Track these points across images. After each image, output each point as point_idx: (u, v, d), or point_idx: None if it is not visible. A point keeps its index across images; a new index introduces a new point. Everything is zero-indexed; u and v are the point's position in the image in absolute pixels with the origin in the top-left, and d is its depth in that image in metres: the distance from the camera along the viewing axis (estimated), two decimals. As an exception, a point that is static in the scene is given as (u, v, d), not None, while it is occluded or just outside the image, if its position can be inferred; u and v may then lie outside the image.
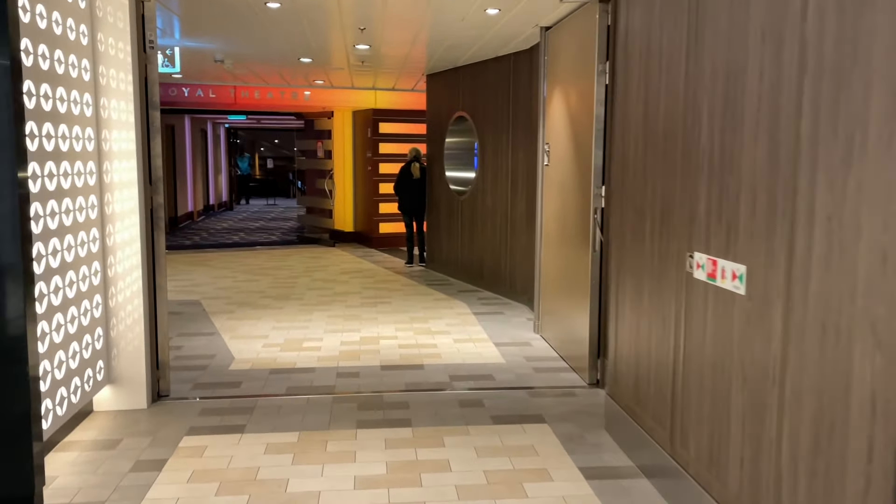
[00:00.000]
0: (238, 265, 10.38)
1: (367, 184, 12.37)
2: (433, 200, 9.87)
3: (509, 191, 7.93)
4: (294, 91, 11.55)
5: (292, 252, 11.85)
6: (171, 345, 5.94)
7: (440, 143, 9.54)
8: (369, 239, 12.41)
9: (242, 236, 14.15)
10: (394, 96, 11.97)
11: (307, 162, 13.66)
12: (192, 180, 17.34)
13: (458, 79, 9.02)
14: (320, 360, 5.57)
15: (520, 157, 7.70)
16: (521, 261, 7.71)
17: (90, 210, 4.12)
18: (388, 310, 7.40)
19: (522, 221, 7.65)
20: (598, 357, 4.98)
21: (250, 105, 11.58)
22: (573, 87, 5.40)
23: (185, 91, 11.04)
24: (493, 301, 7.89)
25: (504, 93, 7.94)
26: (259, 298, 7.94)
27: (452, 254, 9.34)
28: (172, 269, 9.98)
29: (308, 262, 10.68)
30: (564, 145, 5.56)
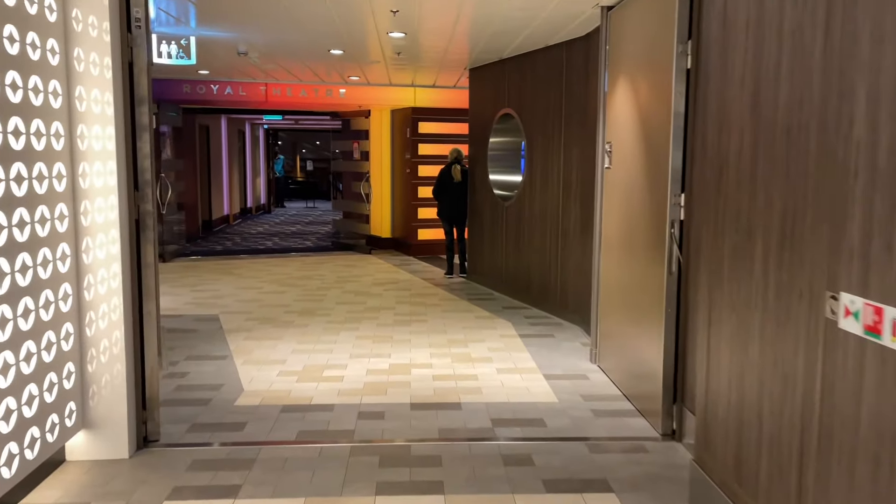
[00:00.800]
0: (266, 274, 9.71)
1: (406, 187, 11.61)
2: (475, 206, 9.04)
3: (560, 196, 7.05)
4: (329, 88, 10.86)
5: (325, 259, 11.15)
6: (176, 371, 5.25)
7: (483, 143, 8.71)
8: (407, 246, 11.65)
9: (276, 241, 13.54)
10: (434, 93, 11.19)
11: (343, 164, 12.97)
12: (227, 183, 16.85)
13: (503, 72, 8.18)
14: (341, 394, 4.78)
15: (573, 159, 6.82)
16: (573, 275, 6.82)
17: (58, 222, 3.40)
18: (424, 329, 6.59)
19: (576, 230, 6.77)
20: (674, 402, 4.08)
21: (283, 104, 10.93)
22: (643, 75, 4.51)
23: (214, 88, 10.44)
24: (541, 320, 7.01)
25: (556, 86, 7.07)
26: (282, 314, 7.22)
27: (496, 265, 8.49)
28: (197, 277, 9.36)
29: (340, 272, 9.95)
30: (631, 145, 4.67)
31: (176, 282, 9.02)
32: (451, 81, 10.66)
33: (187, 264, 10.54)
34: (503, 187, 8.52)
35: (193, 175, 14.01)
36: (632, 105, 4.68)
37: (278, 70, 9.59)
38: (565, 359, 5.66)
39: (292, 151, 32.43)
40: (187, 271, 9.86)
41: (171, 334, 6.39)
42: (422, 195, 11.36)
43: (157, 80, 10.24)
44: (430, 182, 11.02)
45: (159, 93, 10.29)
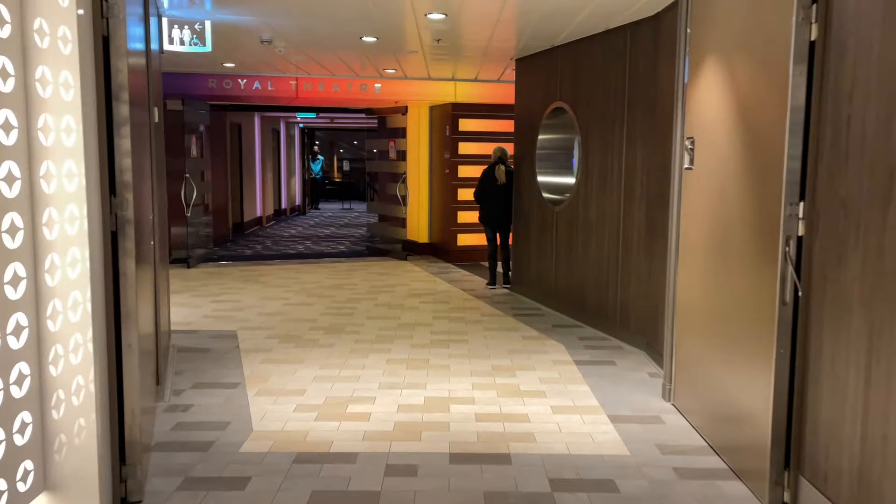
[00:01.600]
0: (294, 282, 9.02)
1: (445, 189, 10.82)
2: (521, 210, 8.20)
3: (622, 200, 6.18)
4: (363, 83, 10.13)
5: (358, 266, 10.43)
6: (179, 402, 4.54)
7: (531, 141, 7.87)
8: (446, 252, 10.85)
9: (308, 245, 12.89)
10: (476, 88, 10.38)
11: (379, 164, 12.24)
12: (260, 183, 16.29)
13: (555, 61, 7.33)
14: (367, 437, 4.01)
15: (637, 157, 5.94)
16: (637, 291, 5.95)
17: (6, 236, 2.69)
18: (464, 352, 5.79)
19: (640, 240, 5.89)
20: (786, 466, 3.20)
21: (314, 99, 10.24)
22: (742, 57, 3.64)
23: (242, 83, 9.80)
24: (598, 343, 6.15)
25: (617, 75, 6.20)
26: (307, 330, 6.49)
27: (544, 276, 7.64)
28: (220, 286, 8.71)
29: (374, 280, 9.21)
30: (724, 141, 3.80)
31: (197, 290, 8.38)
32: (495, 74, 9.84)
33: (212, 270, 9.92)
34: (553, 190, 7.67)
35: (224, 175, 13.45)
36: (724, 94, 3.81)
37: (308, 62, 8.89)
38: (632, 394, 4.80)
39: (329, 151, 31.95)
40: (211, 279, 9.23)
41: (182, 355, 5.70)
42: (462, 198, 10.56)
43: (181, 73, 9.64)
44: (471, 184, 10.21)
45: (184, 88, 9.69)
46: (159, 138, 5.14)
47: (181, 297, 8.00)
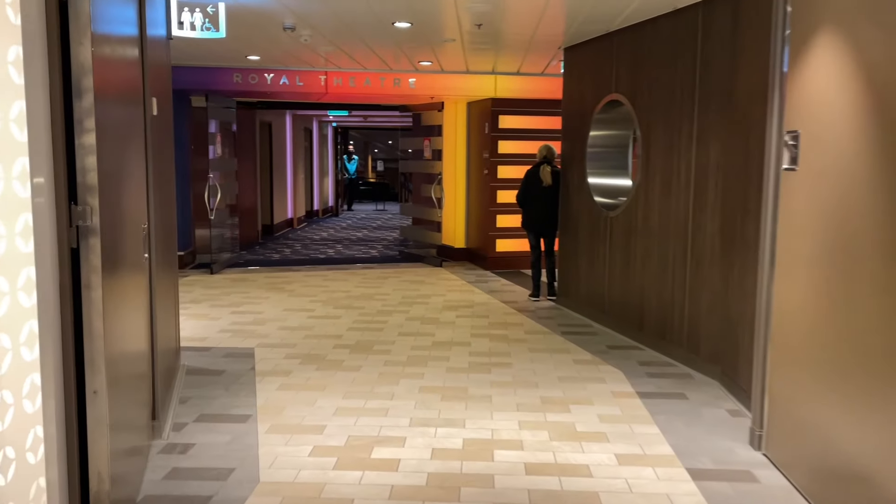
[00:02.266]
0: (321, 291, 8.37)
1: (483, 191, 10.09)
2: (569, 214, 7.43)
3: (691, 204, 5.38)
4: (396, 77, 9.45)
5: (390, 273, 9.75)
6: (178, 440, 3.89)
7: (580, 139, 7.10)
8: (483, 258, 10.12)
9: (339, 249, 12.26)
10: (518, 82, 9.62)
11: (413, 164, 11.56)
12: (292, 184, 15.75)
13: (610, 48, 6.55)
14: (394, 494, 3.30)
15: (710, 155, 5.14)
16: (709, 310, 5.14)
17: (-82, 257, 2.05)
18: (508, 379, 5.05)
19: (713, 251, 5.09)
20: (948, 567, 2.40)
21: (345, 95, 9.59)
22: (873, 30, 2.84)
23: (268, 77, 9.20)
24: (663, 370, 5.36)
25: (686, 61, 5.40)
26: (332, 349, 5.82)
27: (595, 289, 6.86)
28: (242, 294, 8.10)
29: (406, 289, 8.52)
30: (846, 135, 3.00)
31: (217, 300, 7.78)
32: (539, 67, 9.08)
33: (237, 277, 9.33)
34: (606, 193, 6.88)
35: (252, 176, 12.91)
36: (847, 77, 3.01)
37: (338, 54, 8.23)
38: (712, 439, 4.01)
39: (364, 151, 31.45)
40: (234, 286, 8.63)
41: (191, 378, 5.06)
42: (501, 200, 9.82)
43: (204, 67, 9.07)
44: (511, 185, 9.47)
45: (208, 82, 9.13)
46: (162, 133, 4.51)
47: (199, 307, 7.41)
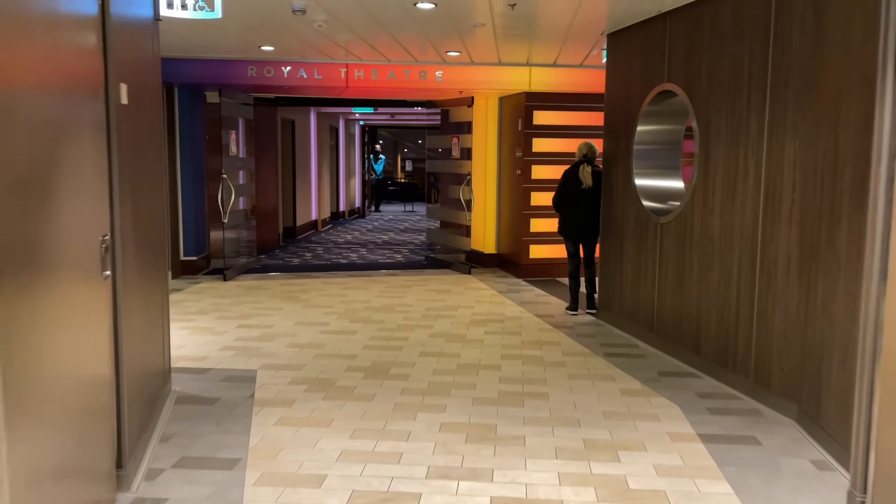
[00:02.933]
0: (339, 301, 7.72)
1: (516, 192, 9.35)
2: (612, 220, 6.66)
3: (760, 210, 4.59)
4: (422, 70, 8.76)
5: (415, 281, 9.06)
6: (148, 494, 3.22)
7: (626, 135, 6.33)
8: (515, 265, 9.37)
9: (362, 254, 11.61)
10: (555, 74, 8.86)
11: (440, 164, 10.86)
12: (316, 185, 15.17)
13: (662, 32, 5.77)
14: (403, 583, 2.60)
15: (785, 153, 4.34)
16: (784, 335, 4.35)
17: None
18: (544, 414, 4.32)
19: (790, 264, 4.30)
20: None
21: (367, 89, 8.93)
22: None
23: (285, 70, 8.57)
24: (726, 404, 4.57)
25: (757, 42, 4.61)
26: (343, 372, 5.15)
27: (642, 303, 6.09)
28: (254, 305, 7.48)
29: (431, 300, 7.82)
30: None
31: (225, 311, 7.17)
32: (578, 57, 8.31)
33: (251, 284, 8.73)
34: (656, 196, 6.10)
35: (273, 176, 12.35)
36: None
37: (358, 44, 7.57)
38: (796, 497, 3.24)
39: (393, 150, 30.89)
40: (246, 295, 8.02)
41: (180, 408, 4.43)
42: (535, 203, 9.07)
43: (216, 60, 8.48)
44: (547, 186, 8.75)
45: (220, 76, 8.54)
46: (142, 127, 3.87)
47: (205, 319, 6.80)
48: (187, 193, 9.14)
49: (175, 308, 7.19)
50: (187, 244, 9.20)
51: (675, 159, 6.18)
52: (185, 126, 9.03)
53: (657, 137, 6.16)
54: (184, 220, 9.17)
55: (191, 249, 9.22)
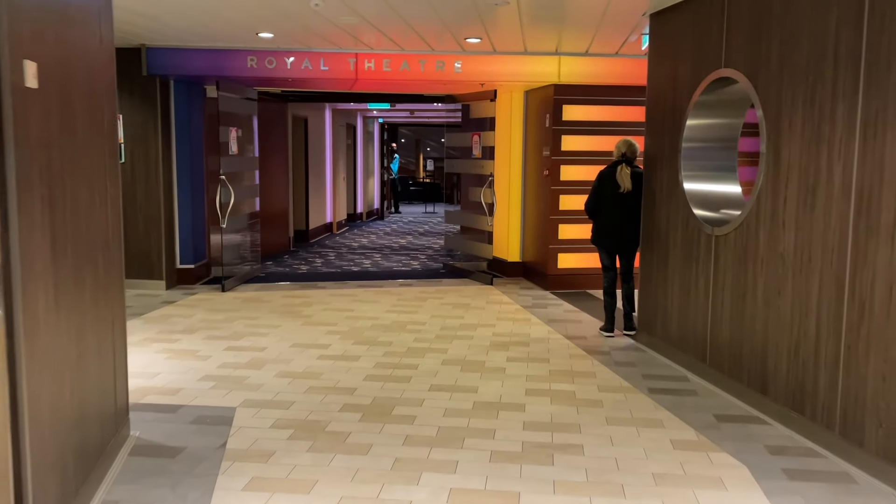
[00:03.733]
0: (345, 318, 6.92)
1: (542, 195, 8.49)
2: (654, 228, 5.78)
3: (850, 225, 3.68)
4: (439, 59, 7.93)
5: (431, 292, 8.24)
6: None
7: (672, 132, 5.45)
8: (541, 275, 8.50)
9: (377, 260, 10.81)
10: (587, 65, 7.98)
11: (459, 164, 10.03)
12: (331, 186, 14.42)
13: (719, 8, 4.87)
14: None
15: (886, 152, 3.44)
16: (883, 380, 3.45)
17: None
18: (579, 477, 3.47)
19: (894, 295, 3.38)
20: None
21: (377, 81, 8.12)
22: None
23: (288, 61, 7.79)
24: (806, 462, 3.67)
25: (845, 14, 3.70)
26: (337, 412, 4.34)
27: (692, 327, 5.20)
28: (249, 321, 6.71)
29: (448, 316, 6.99)
30: None
31: (215, 329, 6.40)
32: (613, 44, 7.43)
33: (250, 295, 7.97)
34: (709, 202, 5.21)
35: (283, 176, 11.60)
36: None
37: (367, 29, 6.76)
38: None
39: (415, 149, 30.11)
40: (242, 309, 7.26)
41: (134, 461, 3.65)
42: (565, 207, 8.20)
43: (212, 50, 7.73)
44: (577, 189, 7.91)
45: (216, 67, 7.78)
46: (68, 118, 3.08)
47: (191, 339, 6.04)
48: (184, 196, 8.42)
49: (160, 325, 6.44)
50: (184, 251, 8.47)
51: (732, 159, 5.28)
52: (181, 123, 8.31)
53: (710, 133, 5.26)
54: (180, 226, 8.45)
55: (188, 257, 8.49)
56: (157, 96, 7.98)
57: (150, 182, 8.07)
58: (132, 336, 6.02)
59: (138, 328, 6.34)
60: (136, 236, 8.12)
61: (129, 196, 8.09)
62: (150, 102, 7.98)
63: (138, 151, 8.05)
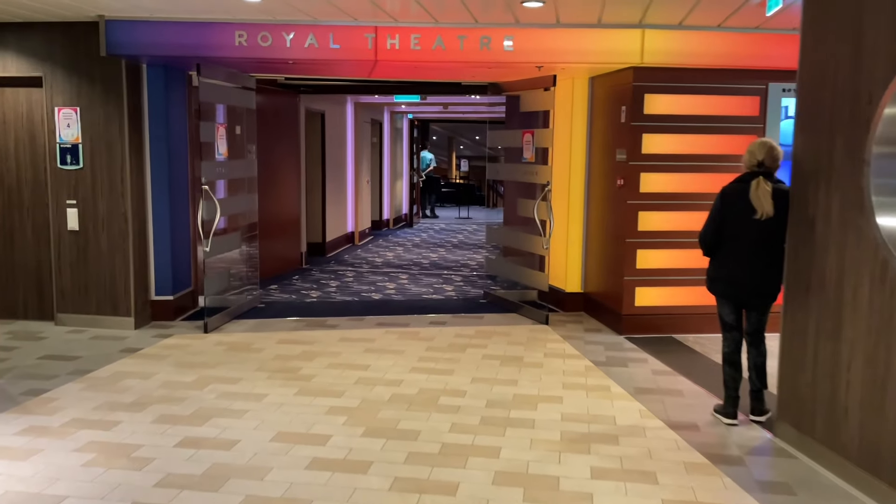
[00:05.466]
0: (356, 382, 5.12)
1: (615, 211, 6.58)
2: (811, 272, 3.86)
3: None
4: (484, 35, 6.06)
5: (470, 336, 6.40)
6: None
7: (846, 130, 3.53)
8: (612, 314, 6.60)
9: (402, 284, 8.98)
10: (680, 41, 6.05)
11: (504, 169, 8.13)
12: (353, 190, 12.64)
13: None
14: None
15: None
16: None
17: None
18: None
19: None
20: None
21: (403, 64, 6.29)
22: None
23: (287, 37, 6.00)
24: None
25: None
26: None
27: (890, 435, 3.26)
28: (225, 385, 4.95)
29: (495, 382, 5.14)
30: None
31: (175, 401, 4.64)
32: (719, 13, 5.51)
33: (239, 339, 6.21)
34: (926, 243, 3.28)
35: (294, 181, 9.86)
36: None
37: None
38: None
39: (448, 149, 28.26)
40: (222, 364, 5.49)
41: None
42: (645, 226, 6.30)
43: (186, 23, 5.96)
44: (664, 203, 6.07)
45: (193, 45, 6.01)
46: None
47: (135, 423, 4.28)
48: (161, 209, 6.69)
49: (104, 395, 4.69)
50: (161, 279, 6.75)
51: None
52: (157, 119, 6.58)
53: (928, 133, 3.33)
54: (156, 247, 6.72)
55: (165, 286, 6.76)
56: (124, 85, 6.26)
57: (116, 192, 6.35)
58: (54, 415, 4.29)
59: (71, 399, 4.61)
60: (96, 261, 6.41)
61: (89, 210, 6.39)
62: (114, 92, 6.27)
63: (100, 154, 6.34)
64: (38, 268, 6.66)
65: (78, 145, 6.33)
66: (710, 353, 5.86)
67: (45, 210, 6.54)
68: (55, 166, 6.39)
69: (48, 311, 6.64)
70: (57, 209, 6.44)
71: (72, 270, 6.46)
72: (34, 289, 6.68)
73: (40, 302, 6.68)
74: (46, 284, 6.63)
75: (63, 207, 6.41)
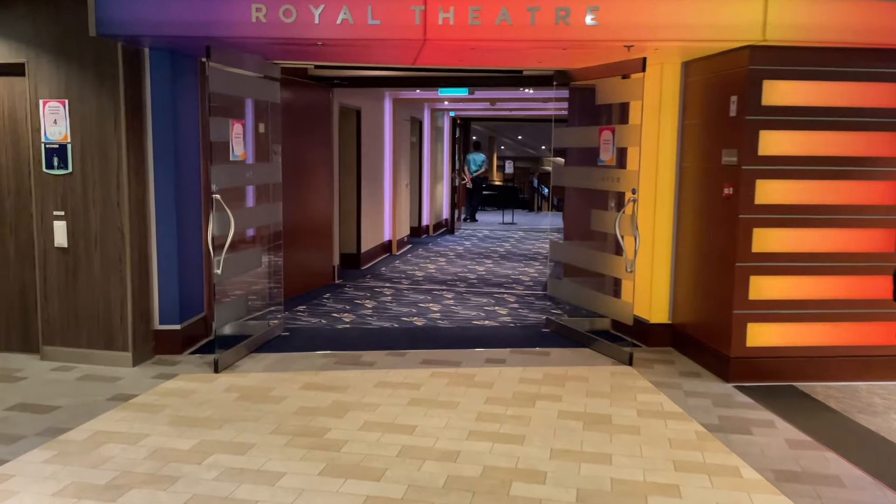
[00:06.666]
0: (398, 454, 3.95)
1: (719, 226, 5.29)
2: None
3: None
4: (560, 6, 4.82)
5: (538, 381, 5.18)
6: None
7: None
8: (715, 355, 5.30)
9: (448, 306, 7.77)
10: (814, 11, 4.74)
11: (574, 174, 6.86)
12: (391, 195, 11.50)
13: None
14: None
15: None
16: None
17: None
18: None
19: None
20: None
21: (458, 45, 5.08)
22: None
23: (315, 12, 4.83)
24: None
25: None
26: None
27: None
28: (228, 456, 3.82)
29: (582, 457, 3.91)
30: None
31: (163, 482, 3.52)
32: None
33: (255, 382, 5.08)
34: None
35: (326, 186, 8.74)
36: None
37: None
38: None
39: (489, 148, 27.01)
40: (229, 421, 4.36)
41: None
42: (762, 247, 5.01)
43: (194, -7, 4.83)
44: (782, 217, 4.77)
45: (202, 24, 4.88)
46: None
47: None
48: (166, 222, 5.60)
49: (74, 466, 3.58)
50: (166, 305, 5.65)
51: None
52: (162, 114, 5.50)
53: None
54: (160, 267, 5.63)
55: (172, 313, 5.67)
56: (120, 72, 5.18)
57: (110, 202, 5.28)
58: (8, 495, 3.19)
59: (29, 477, 3.51)
60: (88, 284, 5.35)
61: (79, 224, 5.32)
62: (110, 82, 5.19)
63: (91, 155, 5.27)
64: (22, 291, 5.62)
65: (66, 145, 5.27)
66: (851, 411, 4.55)
67: (29, 223, 5.50)
68: (40, 170, 5.34)
69: (33, 342, 5.61)
70: (42, 222, 5.38)
71: (59, 296, 5.40)
72: (18, 316, 5.65)
73: (25, 332, 5.64)
74: (31, 312, 5.60)
75: (49, 220, 5.36)
